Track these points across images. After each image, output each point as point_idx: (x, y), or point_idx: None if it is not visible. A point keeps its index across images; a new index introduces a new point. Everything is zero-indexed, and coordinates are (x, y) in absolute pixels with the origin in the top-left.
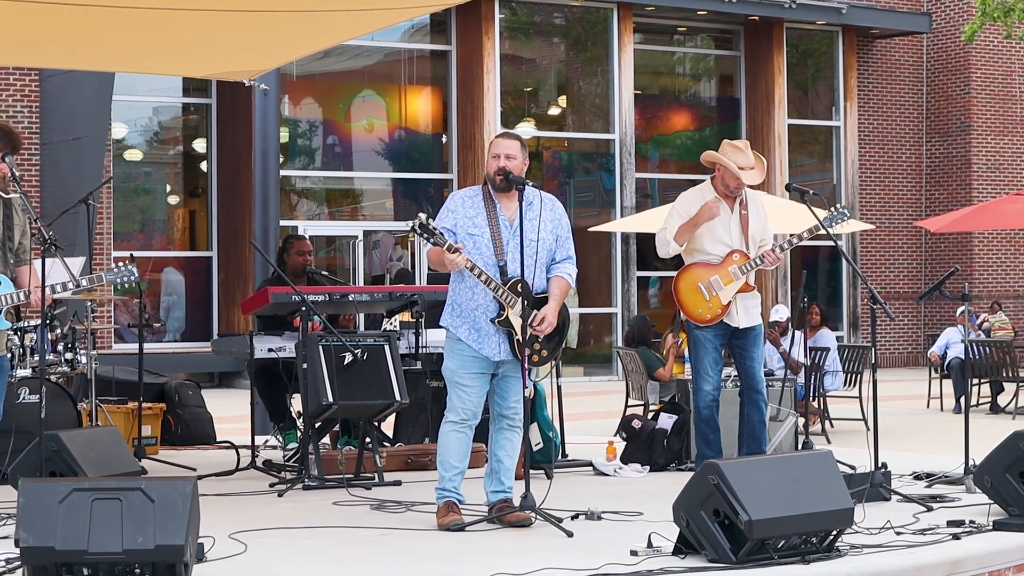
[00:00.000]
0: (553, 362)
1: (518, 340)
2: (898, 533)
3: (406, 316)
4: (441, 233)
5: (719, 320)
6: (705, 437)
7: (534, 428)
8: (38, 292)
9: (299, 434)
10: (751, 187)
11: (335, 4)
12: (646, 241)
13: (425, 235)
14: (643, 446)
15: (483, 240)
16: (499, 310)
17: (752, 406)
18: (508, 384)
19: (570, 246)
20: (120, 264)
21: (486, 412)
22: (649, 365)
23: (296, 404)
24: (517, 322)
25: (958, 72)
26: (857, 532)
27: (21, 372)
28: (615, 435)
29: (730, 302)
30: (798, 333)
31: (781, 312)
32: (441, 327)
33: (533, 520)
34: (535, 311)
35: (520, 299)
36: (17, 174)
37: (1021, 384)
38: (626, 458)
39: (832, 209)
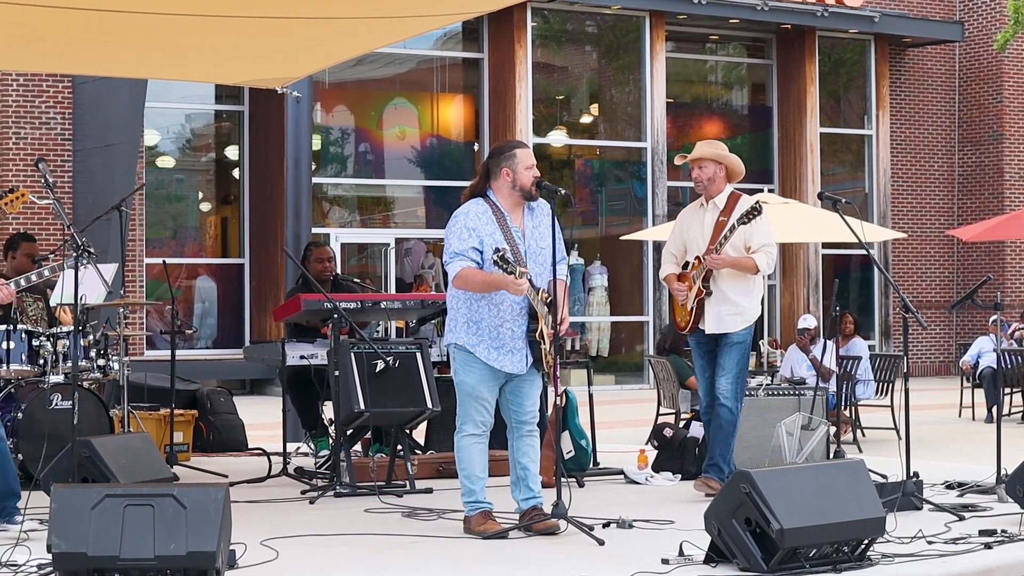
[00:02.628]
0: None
1: (546, 350)
2: (930, 542)
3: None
4: (515, 263)
5: (693, 327)
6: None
7: (565, 436)
8: (4, 289)
9: (331, 441)
10: (702, 177)
11: (368, 12)
12: None
13: (504, 265)
14: (674, 454)
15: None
16: (530, 323)
17: (713, 414)
18: (523, 390)
19: (563, 246)
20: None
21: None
22: (680, 373)
23: (328, 411)
24: (548, 332)
25: (991, 81)
26: (889, 541)
27: (54, 378)
28: (646, 443)
29: (692, 308)
30: (829, 342)
31: (809, 321)
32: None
33: (562, 528)
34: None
35: (547, 308)
36: (51, 180)
37: None
38: (657, 466)
39: (749, 207)
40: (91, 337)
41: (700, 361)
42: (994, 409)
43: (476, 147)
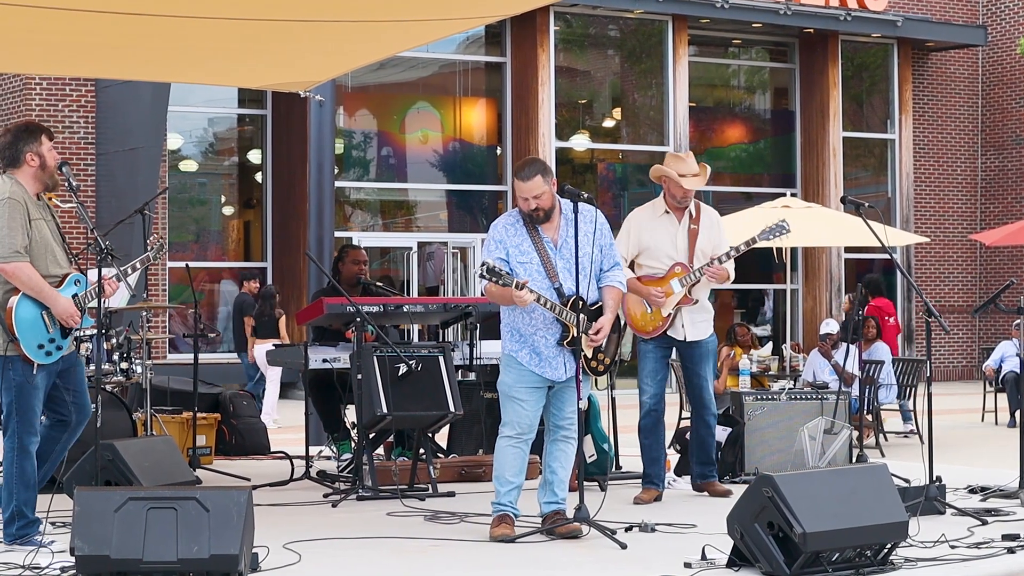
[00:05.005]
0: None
1: (585, 356)
2: (952, 547)
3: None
4: (508, 273)
5: (661, 332)
6: (647, 452)
7: (588, 440)
8: (110, 283)
9: (353, 444)
10: (690, 196)
11: (391, 15)
12: None
13: (493, 278)
14: None
15: (533, 266)
16: (563, 331)
17: (701, 424)
18: (564, 395)
19: (615, 253)
20: (152, 239)
21: (541, 424)
22: None
23: (350, 415)
24: (583, 339)
25: (1013, 85)
26: (911, 545)
27: None
28: (669, 447)
29: (670, 315)
30: (851, 347)
31: (831, 325)
32: (504, 352)
33: (584, 532)
34: (592, 322)
35: (578, 316)
36: (75, 184)
37: None
38: (680, 470)
39: (775, 223)
40: (114, 340)
41: (654, 365)
42: (1017, 413)
43: (499, 151)
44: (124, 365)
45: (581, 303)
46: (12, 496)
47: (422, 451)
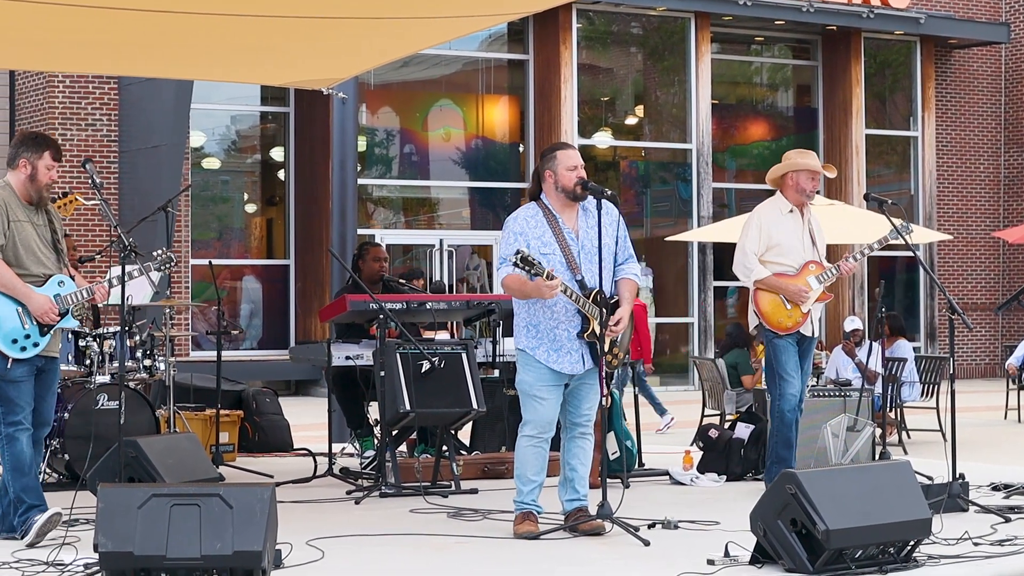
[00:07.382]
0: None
1: (601, 349)
2: (976, 544)
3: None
4: (540, 263)
5: (797, 329)
6: (788, 441)
7: (611, 437)
8: (100, 288)
9: (376, 441)
10: (816, 189)
11: (414, 12)
12: (723, 251)
13: (526, 267)
14: (720, 455)
15: (556, 257)
16: (583, 323)
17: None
18: (581, 392)
19: (629, 245)
20: (158, 252)
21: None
22: (740, 368)
23: (373, 412)
24: (602, 331)
25: None
26: (935, 543)
27: (100, 378)
28: (692, 444)
29: (809, 311)
30: (875, 344)
31: (855, 322)
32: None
33: (607, 529)
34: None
35: (600, 309)
36: (98, 181)
37: None
38: (703, 467)
39: (901, 223)
40: (137, 338)
41: (796, 359)
42: None
43: (521, 148)
44: (147, 362)
45: (600, 296)
46: (8, 485)
47: (445, 448)
